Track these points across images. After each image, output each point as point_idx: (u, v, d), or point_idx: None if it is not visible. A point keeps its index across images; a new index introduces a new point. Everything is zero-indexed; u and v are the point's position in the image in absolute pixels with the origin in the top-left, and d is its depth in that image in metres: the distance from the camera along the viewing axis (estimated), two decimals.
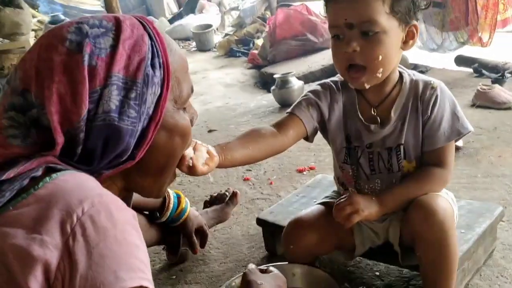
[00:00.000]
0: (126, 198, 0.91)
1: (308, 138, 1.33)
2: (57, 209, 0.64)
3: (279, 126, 1.27)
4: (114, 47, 0.72)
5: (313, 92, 1.34)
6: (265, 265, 1.44)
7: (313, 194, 1.77)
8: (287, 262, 1.38)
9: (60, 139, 0.69)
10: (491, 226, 1.42)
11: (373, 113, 1.27)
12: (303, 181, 2.23)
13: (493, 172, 2.06)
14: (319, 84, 1.37)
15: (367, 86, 1.21)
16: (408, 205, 1.23)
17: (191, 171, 0.99)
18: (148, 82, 0.73)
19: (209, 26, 8.78)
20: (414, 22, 1.19)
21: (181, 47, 9.13)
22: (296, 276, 1.37)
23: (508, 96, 2.88)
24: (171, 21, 10.87)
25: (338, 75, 1.32)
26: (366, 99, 1.29)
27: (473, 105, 2.94)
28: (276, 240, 1.67)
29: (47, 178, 0.67)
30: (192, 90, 0.84)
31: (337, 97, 1.32)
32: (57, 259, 0.61)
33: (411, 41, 1.20)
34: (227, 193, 1.94)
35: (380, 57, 1.15)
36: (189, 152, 0.99)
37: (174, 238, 1.71)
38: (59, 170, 0.69)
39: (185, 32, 9.36)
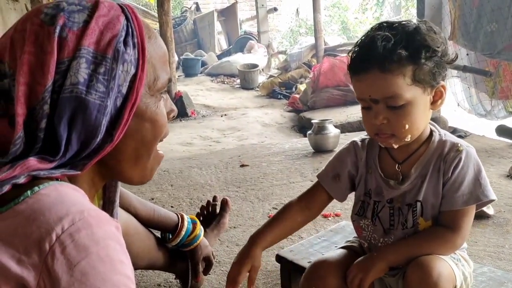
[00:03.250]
0: (110, 187, 0.92)
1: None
2: (36, 226, 0.62)
3: (308, 200, 1.39)
4: (87, 22, 0.72)
5: (338, 158, 1.40)
6: None
7: (334, 239, 1.78)
8: None
9: (21, 110, 0.68)
10: None
11: (397, 169, 1.29)
12: (327, 226, 2.24)
13: None
14: (344, 147, 1.41)
15: (395, 146, 1.24)
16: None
17: None
18: (118, 57, 0.72)
19: (255, 66, 9.00)
20: (442, 82, 1.20)
21: (226, 82, 9.37)
22: None
23: None
24: (219, 56, 11.22)
25: None
26: (391, 155, 1.31)
27: (508, 176, 2.90)
28: (292, 279, 1.68)
29: (29, 192, 0.66)
30: (169, 81, 0.83)
31: (361, 154, 1.36)
32: (36, 278, 0.60)
33: (439, 101, 1.22)
34: (216, 203, 1.93)
35: (407, 126, 1.18)
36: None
37: (183, 265, 1.73)
38: (43, 178, 0.69)
39: (231, 69, 9.63)
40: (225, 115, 6.68)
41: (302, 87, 6.68)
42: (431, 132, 1.29)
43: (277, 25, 14.74)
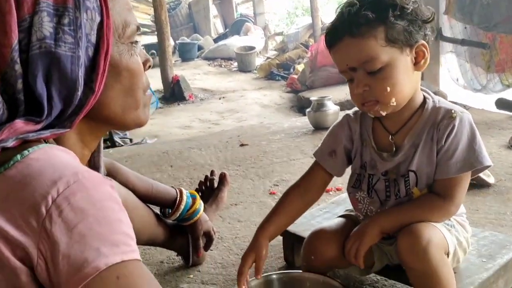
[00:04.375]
0: (93, 153, 0.91)
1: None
2: (29, 191, 0.62)
3: (306, 184, 1.39)
4: None
5: (332, 134, 1.39)
6: (280, 271, 1.47)
7: (336, 210, 1.78)
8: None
9: None
10: None
11: (390, 140, 1.28)
12: (328, 200, 2.24)
13: None
14: (337, 122, 1.40)
15: (383, 114, 1.22)
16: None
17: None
18: (80, 6, 0.72)
19: (252, 48, 8.96)
20: (421, 41, 1.17)
21: (223, 66, 9.33)
22: (310, 286, 1.37)
23: None
24: (216, 40, 11.15)
25: None
26: (384, 126, 1.30)
27: (509, 147, 2.90)
28: (296, 251, 1.68)
29: (18, 156, 0.66)
30: (138, 29, 0.83)
31: (355, 126, 1.35)
32: (35, 242, 0.61)
33: (422, 61, 1.19)
34: (214, 177, 1.92)
35: (388, 89, 1.16)
36: None
37: (183, 241, 1.72)
38: (31, 141, 0.68)
39: (228, 52, 9.58)
40: (223, 98, 6.66)
41: (300, 67, 6.65)
42: (425, 99, 1.27)
43: (273, 7, 14.60)
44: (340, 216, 1.44)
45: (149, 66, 0.88)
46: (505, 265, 1.36)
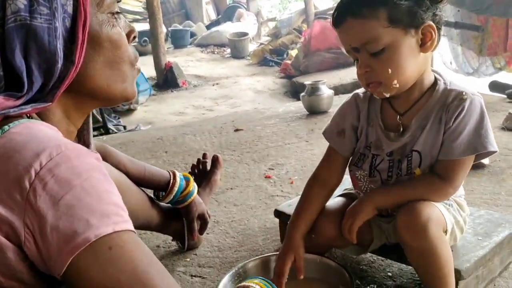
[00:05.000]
0: (82, 131, 0.91)
1: None
2: (12, 164, 0.61)
3: (324, 175, 1.38)
4: None
5: (340, 113, 1.38)
6: (278, 253, 1.47)
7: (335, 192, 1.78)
8: None
9: None
10: (510, 237, 1.41)
11: (398, 120, 1.27)
12: None
13: None
14: (346, 100, 1.40)
15: (387, 95, 1.21)
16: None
17: None
18: None
19: (245, 34, 8.91)
20: (428, 22, 1.15)
21: (216, 52, 9.27)
22: (309, 266, 1.38)
23: None
24: (208, 27, 11.07)
25: None
26: (393, 107, 1.29)
27: (503, 128, 2.91)
28: None
29: None
30: (118, 0, 0.82)
31: (363, 105, 1.34)
32: (20, 217, 0.59)
33: (429, 42, 1.16)
34: (206, 160, 1.91)
35: (390, 70, 1.15)
36: None
37: (178, 224, 1.71)
38: (12, 117, 0.67)
39: (221, 39, 9.52)
40: (217, 84, 6.63)
41: (293, 53, 6.62)
42: (436, 80, 1.25)
43: None
44: (340, 196, 1.44)
45: (134, 37, 0.86)
46: (500, 242, 1.37)
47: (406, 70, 1.17)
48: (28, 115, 0.71)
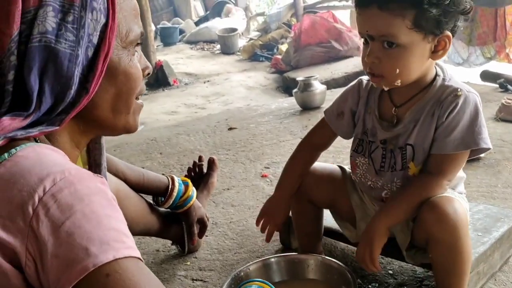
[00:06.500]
0: (94, 150, 0.92)
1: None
2: (17, 189, 0.61)
3: (315, 142, 1.48)
4: None
5: (342, 96, 1.43)
6: (278, 255, 1.47)
7: None
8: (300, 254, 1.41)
9: None
10: (509, 232, 1.42)
11: (393, 112, 1.29)
12: None
13: None
14: (351, 84, 1.44)
15: (386, 89, 1.23)
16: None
17: None
18: (87, 5, 0.71)
19: (235, 30, 8.87)
20: (447, 32, 1.15)
21: (206, 49, 9.22)
22: (310, 267, 1.38)
23: None
24: (197, 23, 11.01)
25: None
26: (391, 98, 1.30)
27: (496, 119, 2.92)
28: (291, 232, 1.68)
29: (6, 155, 0.65)
30: (142, 35, 0.82)
31: (364, 92, 1.37)
32: (23, 243, 0.59)
33: (441, 51, 1.17)
34: (202, 163, 1.91)
35: (398, 70, 1.16)
36: None
37: (177, 229, 1.71)
38: (19, 139, 0.67)
39: (210, 35, 9.47)
40: (208, 81, 6.60)
41: (283, 47, 6.61)
42: (436, 76, 1.25)
43: None
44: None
45: (148, 74, 0.87)
46: (500, 238, 1.38)
47: (412, 72, 1.19)
48: (36, 138, 0.71)
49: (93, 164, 0.92)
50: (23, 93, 0.68)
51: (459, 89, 1.20)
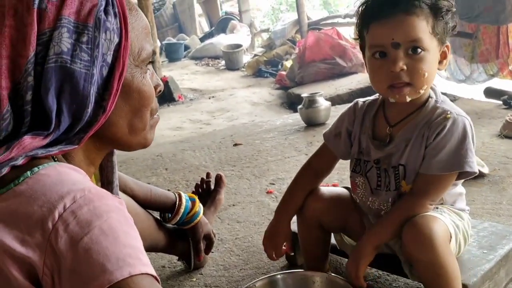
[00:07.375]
0: (107, 168, 0.93)
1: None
2: (37, 205, 0.63)
3: (316, 167, 1.48)
4: None
5: (340, 117, 1.46)
6: (284, 271, 1.47)
7: None
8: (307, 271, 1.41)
9: (5, 83, 0.68)
10: None
11: (387, 131, 1.31)
12: None
13: None
14: (348, 107, 1.46)
15: (408, 99, 1.22)
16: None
17: None
18: (100, 26, 0.73)
19: (239, 46, 8.93)
20: (447, 43, 1.24)
21: (210, 65, 9.29)
22: (316, 284, 1.38)
23: None
24: (202, 39, 11.10)
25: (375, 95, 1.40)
26: (386, 117, 1.33)
27: (500, 135, 2.93)
28: (297, 250, 1.69)
29: (28, 173, 0.67)
30: (154, 53, 0.85)
31: (359, 113, 1.40)
32: (41, 257, 0.61)
33: (444, 61, 1.25)
34: (210, 179, 1.93)
35: (426, 74, 1.18)
36: None
37: (184, 245, 1.72)
38: (40, 158, 0.69)
39: (215, 51, 9.54)
40: (213, 97, 6.64)
41: (288, 63, 6.65)
42: (429, 97, 1.28)
43: (257, 4, 14.58)
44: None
45: (160, 91, 0.89)
46: (506, 255, 1.38)
47: (433, 79, 1.23)
48: (54, 156, 0.72)
49: (106, 181, 0.94)
50: (42, 112, 0.70)
51: (448, 112, 1.23)
